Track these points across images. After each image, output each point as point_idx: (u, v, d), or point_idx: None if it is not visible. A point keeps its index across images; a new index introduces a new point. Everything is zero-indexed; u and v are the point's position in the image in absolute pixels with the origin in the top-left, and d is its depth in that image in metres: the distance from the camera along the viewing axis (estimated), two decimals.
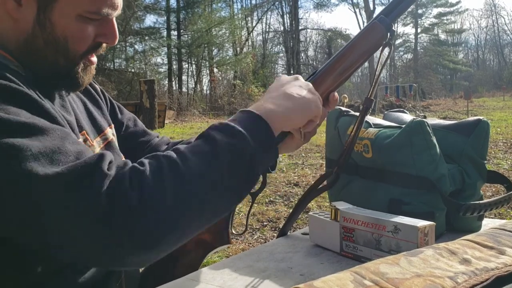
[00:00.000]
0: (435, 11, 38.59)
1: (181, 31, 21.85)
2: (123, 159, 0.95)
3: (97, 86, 1.01)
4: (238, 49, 25.36)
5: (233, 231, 0.88)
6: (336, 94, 0.88)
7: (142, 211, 0.56)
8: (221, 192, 0.61)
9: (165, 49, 21.88)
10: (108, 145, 0.92)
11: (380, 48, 0.87)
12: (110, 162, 0.61)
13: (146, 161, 0.61)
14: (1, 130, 0.60)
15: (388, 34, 0.86)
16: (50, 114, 0.67)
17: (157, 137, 1.12)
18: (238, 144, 0.63)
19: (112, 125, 0.98)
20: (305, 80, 0.89)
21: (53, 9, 0.73)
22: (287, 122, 0.72)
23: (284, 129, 0.72)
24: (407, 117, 1.08)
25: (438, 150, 0.90)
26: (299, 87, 0.76)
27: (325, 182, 0.95)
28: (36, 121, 0.63)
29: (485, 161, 0.96)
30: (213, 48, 22.93)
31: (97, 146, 0.88)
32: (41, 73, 0.77)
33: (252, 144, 0.63)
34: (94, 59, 0.82)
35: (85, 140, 0.85)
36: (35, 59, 0.76)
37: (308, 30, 35.88)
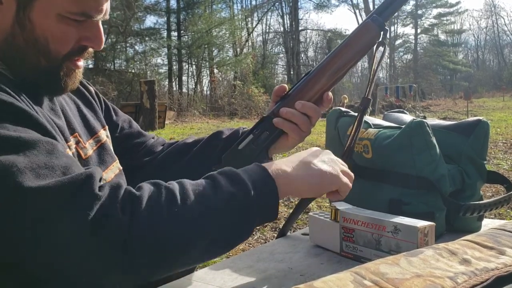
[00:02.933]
0: (435, 11, 38.64)
1: (181, 31, 21.87)
2: (117, 161, 0.95)
3: (92, 88, 1.00)
4: (238, 49, 25.37)
5: None
6: (330, 93, 0.88)
7: (130, 243, 0.55)
8: (211, 241, 0.61)
9: (165, 49, 21.91)
10: (101, 147, 0.91)
11: (375, 47, 0.87)
12: (101, 180, 0.60)
13: (145, 187, 0.60)
14: None
15: (381, 33, 0.86)
16: (38, 124, 0.66)
17: (153, 138, 1.12)
18: (239, 195, 0.62)
19: (106, 127, 0.97)
20: (301, 79, 0.89)
21: (32, 8, 0.72)
22: (302, 186, 0.70)
23: (289, 195, 0.71)
24: (407, 117, 1.08)
25: (438, 150, 0.90)
26: (323, 158, 0.74)
27: None
28: (22, 135, 0.61)
29: (485, 162, 0.96)
30: (213, 49, 22.95)
31: (89, 148, 0.87)
32: (24, 74, 0.76)
33: (255, 200, 0.63)
34: (81, 63, 0.80)
35: (77, 142, 0.84)
36: (16, 58, 0.75)
37: (308, 31, 35.91)
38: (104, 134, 0.94)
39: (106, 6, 0.77)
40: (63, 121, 0.83)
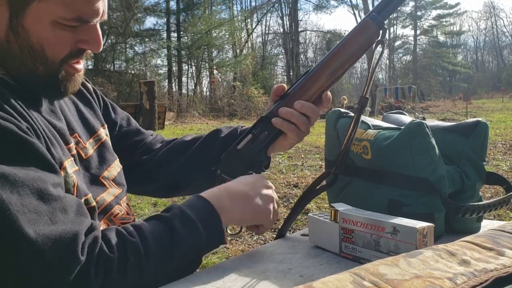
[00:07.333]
0: (434, 13, 38.72)
1: (181, 32, 21.85)
2: (117, 159, 0.94)
3: (90, 85, 0.99)
4: (237, 50, 25.38)
5: (229, 231, 0.88)
6: (329, 93, 0.88)
7: None
8: (168, 277, 0.71)
9: (165, 50, 21.89)
10: (101, 146, 0.90)
11: (373, 46, 0.86)
12: (86, 233, 0.65)
13: (114, 246, 0.66)
14: None
15: (381, 31, 0.85)
16: (37, 154, 0.67)
17: (151, 135, 1.11)
18: (192, 240, 0.72)
19: (105, 125, 0.96)
20: (300, 78, 0.89)
21: (25, 16, 0.71)
22: (236, 221, 0.82)
23: (230, 224, 0.81)
24: (406, 118, 1.08)
25: (437, 151, 0.90)
26: (261, 195, 0.82)
27: (324, 182, 0.95)
28: (17, 172, 0.62)
29: (484, 163, 0.96)
30: (213, 50, 22.94)
31: (90, 148, 0.87)
32: (23, 79, 0.75)
33: (204, 239, 0.74)
34: (80, 66, 0.78)
35: (77, 143, 0.83)
36: (13, 65, 0.74)
37: (308, 32, 35.94)
38: (104, 133, 0.94)
39: (103, 8, 0.75)
40: (64, 123, 0.82)
